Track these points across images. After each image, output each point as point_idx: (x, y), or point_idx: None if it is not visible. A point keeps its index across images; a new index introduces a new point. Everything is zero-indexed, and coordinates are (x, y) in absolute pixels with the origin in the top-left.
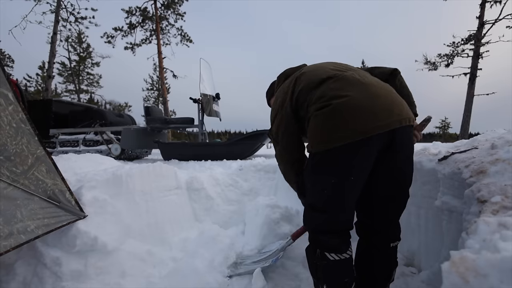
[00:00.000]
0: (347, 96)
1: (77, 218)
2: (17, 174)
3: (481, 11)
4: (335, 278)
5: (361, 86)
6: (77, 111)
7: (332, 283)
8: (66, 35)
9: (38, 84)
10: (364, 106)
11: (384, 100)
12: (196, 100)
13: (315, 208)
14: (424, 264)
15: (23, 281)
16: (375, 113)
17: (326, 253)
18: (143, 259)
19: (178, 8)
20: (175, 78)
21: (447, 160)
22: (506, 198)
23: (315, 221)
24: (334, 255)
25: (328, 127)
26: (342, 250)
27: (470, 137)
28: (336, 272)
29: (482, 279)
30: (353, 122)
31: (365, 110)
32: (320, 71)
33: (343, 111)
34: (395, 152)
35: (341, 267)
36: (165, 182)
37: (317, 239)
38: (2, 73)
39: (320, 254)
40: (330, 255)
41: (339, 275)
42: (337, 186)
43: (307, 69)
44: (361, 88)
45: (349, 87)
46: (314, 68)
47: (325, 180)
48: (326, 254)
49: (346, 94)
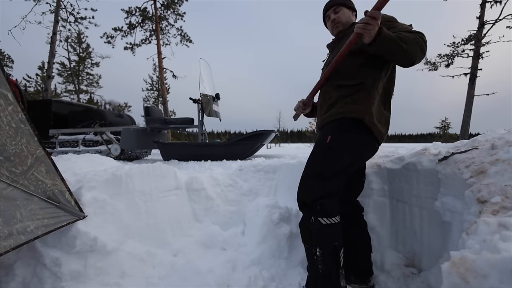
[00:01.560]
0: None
1: (77, 219)
2: (17, 174)
3: (481, 11)
4: (326, 241)
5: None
6: (77, 111)
7: (324, 245)
8: (65, 35)
9: (37, 84)
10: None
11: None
12: (196, 100)
13: (319, 176)
14: (424, 264)
15: (23, 282)
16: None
17: (319, 218)
18: (142, 259)
19: (178, 8)
20: (175, 78)
21: (447, 160)
22: (506, 198)
23: (316, 188)
24: (326, 219)
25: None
26: (333, 214)
27: (470, 137)
28: (328, 235)
29: (482, 280)
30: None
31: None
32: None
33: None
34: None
35: (331, 230)
36: (164, 182)
37: (314, 207)
38: (1, 73)
39: (314, 220)
40: (323, 220)
41: (330, 238)
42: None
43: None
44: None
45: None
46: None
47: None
48: (319, 219)
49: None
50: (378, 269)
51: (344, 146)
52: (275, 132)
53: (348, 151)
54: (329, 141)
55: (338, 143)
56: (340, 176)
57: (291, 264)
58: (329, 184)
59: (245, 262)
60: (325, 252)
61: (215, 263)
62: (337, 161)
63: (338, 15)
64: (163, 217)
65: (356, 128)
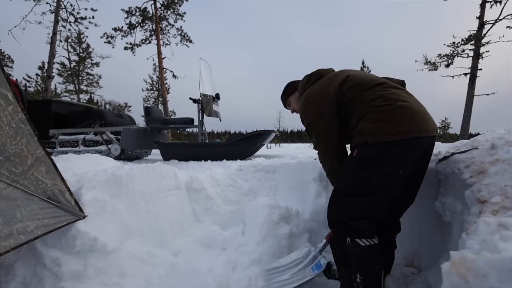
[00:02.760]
0: (407, 102)
1: (77, 219)
2: (17, 174)
3: (481, 11)
4: (367, 265)
5: (411, 97)
6: (77, 111)
7: (365, 270)
8: (65, 35)
9: (37, 84)
10: (419, 112)
11: (425, 111)
12: (196, 100)
13: (351, 194)
14: (424, 264)
15: (23, 282)
16: (426, 120)
17: (357, 239)
18: (142, 259)
19: (178, 8)
20: (175, 78)
21: (447, 160)
22: (506, 198)
23: (350, 207)
24: (365, 241)
25: (393, 121)
26: (372, 235)
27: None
28: (368, 258)
29: (482, 280)
30: (412, 121)
31: (420, 115)
32: (368, 77)
33: (407, 111)
34: (426, 160)
35: (372, 253)
36: (165, 182)
37: (348, 226)
38: (1, 73)
39: (351, 241)
40: (361, 241)
41: (371, 261)
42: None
43: (352, 73)
44: (412, 98)
45: (404, 94)
46: (359, 73)
47: (376, 170)
48: (357, 240)
49: (405, 100)
50: None
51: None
52: (275, 132)
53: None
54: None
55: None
56: (374, 194)
57: None
58: (364, 202)
59: (245, 262)
60: (367, 278)
61: (215, 263)
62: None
63: (291, 107)
64: (163, 217)
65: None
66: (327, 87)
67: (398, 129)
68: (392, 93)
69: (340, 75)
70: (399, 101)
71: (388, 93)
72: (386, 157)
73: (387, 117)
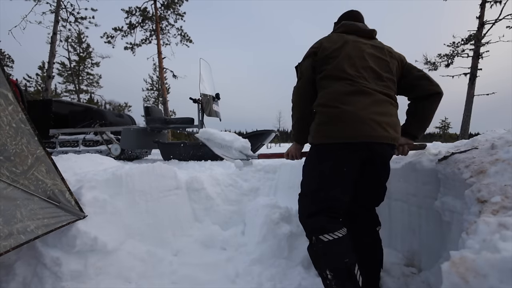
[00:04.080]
0: (352, 106)
1: (77, 218)
2: (17, 174)
3: (481, 11)
4: (335, 260)
5: (365, 101)
6: (77, 111)
7: (334, 265)
8: (66, 35)
9: (38, 84)
10: (364, 118)
11: (375, 119)
12: (196, 100)
13: (306, 194)
14: (424, 264)
15: (23, 281)
16: (369, 127)
17: (320, 236)
18: (143, 259)
19: (178, 8)
20: (175, 78)
21: (447, 160)
22: (506, 198)
23: (306, 205)
24: (327, 236)
25: (330, 127)
26: (334, 228)
27: (470, 137)
28: (334, 252)
29: (482, 279)
30: (349, 128)
31: (362, 122)
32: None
33: (346, 115)
34: (375, 167)
35: (337, 246)
36: (165, 182)
37: (309, 225)
38: (2, 73)
39: (315, 240)
40: (324, 237)
41: (338, 255)
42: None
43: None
44: (364, 103)
45: (357, 97)
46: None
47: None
48: (320, 237)
49: (352, 103)
50: None
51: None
52: (275, 132)
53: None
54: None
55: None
56: (320, 192)
57: (291, 263)
58: (314, 200)
59: (245, 262)
60: (337, 274)
61: (215, 263)
62: (308, 178)
63: None
64: (163, 217)
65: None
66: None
67: (337, 133)
68: (344, 92)
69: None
70: (344, 105)
71: (340, 93)
72: (326, 158)
73: (328, 120)
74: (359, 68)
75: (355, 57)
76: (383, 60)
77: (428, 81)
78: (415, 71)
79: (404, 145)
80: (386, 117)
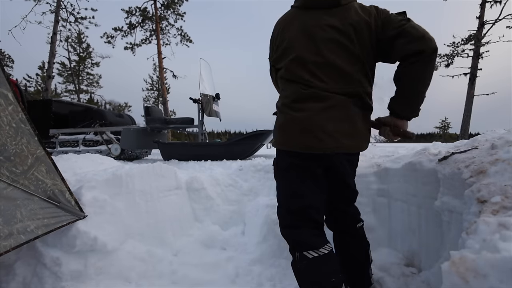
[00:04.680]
0: (303, 112)
1: (77, 218)
2: (17, 174)
3: (481, 11)
4: (320, 279)
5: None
6: (77, 111)
7: (319, 285)
8: (66, 35)
9: (38, 84)
10: (306, 128)
11: (326, 127)
12: (196, 100)
13: (280, 204)
14: (424, 264)
15: (23, 281)
16: (308, 136)
17: (304, 252)
18: (143, 259)
19: (178, 8)
20: (175, 78)
21: (447, 160)
22: (506, 198)
23: (282, 215)
24: (312, 252)
25: (282, 133)
26: (319, 244)
27: (470, 137)
28: (319, 271)
29: (482, 279)
30: (297, 137)
31: (306, 131)
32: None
33: (292, 126)
34: (336, 172)
35: (322, 264)
36: (165, 182)
37: (290, 237)
38: (2, 73)
39: (299, 256)
40: (308, 253)
41: (323, 274)
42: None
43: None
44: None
45: (310, 103)
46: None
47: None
48: (304, 253)
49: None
50: (377, 269)
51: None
52: None
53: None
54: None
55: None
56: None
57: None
58: (288, 210)
59: (245, 262)
60: None
61: (215, 262)
62: (278, 188)
63: None
64: (163, 217)
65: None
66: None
67: (288, 141)
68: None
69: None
70: (295, 111)
71: (293, 98)
72: (287, 165)
73: (280, 125)
74: (313, 67)
75: (308, 51)
76: (343, 45)
77: (405, 38)
78: (389, 30)
79: (387, 125)
80: (339, 124)
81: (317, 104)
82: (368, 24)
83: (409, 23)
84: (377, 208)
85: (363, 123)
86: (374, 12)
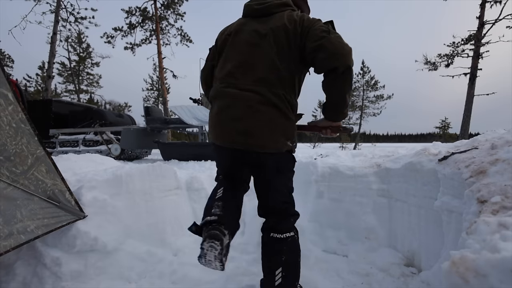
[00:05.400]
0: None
1: (77, 218)
2: (17, 174)
3: (481, 11)
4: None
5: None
6: (77, 111)
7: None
8: (66, 35)
9: (38, 84)
10: (213, 124)
11: (228, 125)
12: (196, 100)
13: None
14: (424, 264)
15: (23, 281)
16: (215, 132)
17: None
18: (143, 259)
19: (178, 8)
20: (175, 78)
21: (447, 160)
22: (506, 198)
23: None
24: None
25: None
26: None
27: (470, 137)
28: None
29: (482, 279)
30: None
31: (214, 127)
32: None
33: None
34: (254, 166)
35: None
36: (165, 182)
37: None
38: (2, 73)
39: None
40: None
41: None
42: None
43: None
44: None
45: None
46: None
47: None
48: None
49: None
50: (377, 268)
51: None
52: None
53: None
54: None
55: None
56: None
57: None
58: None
59: (245, 262)
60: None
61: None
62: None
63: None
64: (163, 217)
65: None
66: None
67: (212, 133)
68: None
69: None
70: (212, 108)
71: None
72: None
73: (211, 118)
74: (231, 66)
75: (234, 52)
76: (260, 47)
77: (322, 53)
78: (311, 42)
79: (326, 128)
80: (239, 122)
81: (222, 102)
82: (286, 29)
83: (329, 36)
84: (377, 208)
85: (273, 123)
86: (297, 20)
